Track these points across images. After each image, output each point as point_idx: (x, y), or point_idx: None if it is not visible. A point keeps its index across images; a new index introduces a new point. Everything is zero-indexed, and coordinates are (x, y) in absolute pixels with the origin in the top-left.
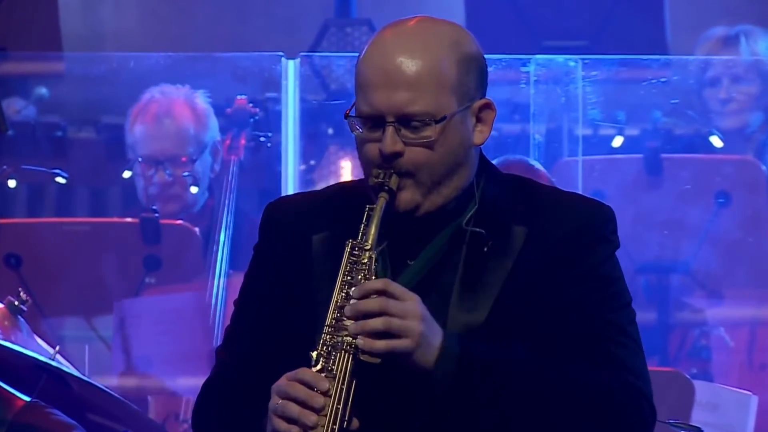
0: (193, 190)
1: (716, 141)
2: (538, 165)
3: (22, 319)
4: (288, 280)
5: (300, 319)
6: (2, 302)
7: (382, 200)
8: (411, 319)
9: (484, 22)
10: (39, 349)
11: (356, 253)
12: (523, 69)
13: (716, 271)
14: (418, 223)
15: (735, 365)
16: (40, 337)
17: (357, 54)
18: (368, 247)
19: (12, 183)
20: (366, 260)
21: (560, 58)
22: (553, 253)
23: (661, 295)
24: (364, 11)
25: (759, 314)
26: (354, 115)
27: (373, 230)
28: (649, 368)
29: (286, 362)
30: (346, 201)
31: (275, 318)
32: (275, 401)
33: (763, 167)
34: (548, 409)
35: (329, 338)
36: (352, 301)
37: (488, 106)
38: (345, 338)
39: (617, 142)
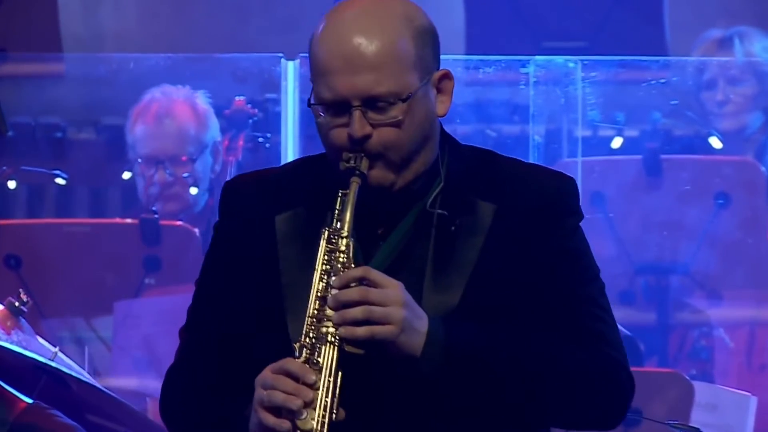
0: (193, 191)
1: (715, 142)
2: None
3: (23, 320)
4: (252, 261)
5: (267, 303)
6: (2, 303)
7: (354, 185)
8: (393, 306)
9: (483, 22)
10: (41, 349)
11: (333, 240)
12: (523, 70)
13: (716, 271)
14: (386, 203)
15: (734, 366)
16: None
17: None
18: (345, 234)
19: (12, 184)
20: (344, 247)
21: (560, 59)
22: (523, 229)
23: (660, 296)
24: None
25: (758, 315)
26: (315, 102)
27: (348, 216)
28: (649, 369)
29: (255, 347)
30: (309, 177)
31: (240, 301)
32: (261, 394)
33: (763, 168)
34: (533, 390)
35: (312, 329)
36: (332, 291)
37: (446, 76)
38: (329, 329)
39: (616, 143)
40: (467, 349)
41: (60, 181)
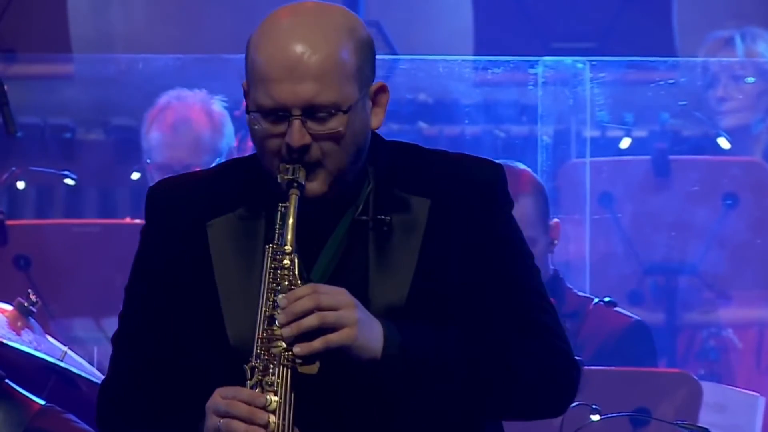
0: None
1: (724, 142)
2: (521, 165)
3: (33, 320)
4: (183, 269)
5: (203, 310)
6: (12, 304)
7: (294, 197)
8: (345, 309)
9: (492, 23)
10: (50, 349)
11: (277, 257)
12: (531, 71)
13: (724, 272)
14: (319, 211)
15: (743, 366)
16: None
17: None
18: (289, 251)
19: (21, 184)
20: (288, 264)
21: (568, 59)
22: (458, 222)
23: (668, 297)
24: (372, 13)
25: (767, 315)
26: (253, 109)
27: (290, 231)
28: (658, 369)
29: (193, 357)
30: (240, 180)
31: (173, 310)
32: (214, 421)
33: None
34: (485, 385)
35: (263, 351)
36: (280, 310)
37: (382, 89)
38: (282, 351)
39: (625, 143)
40: (422, 348)
41: (69, 181)
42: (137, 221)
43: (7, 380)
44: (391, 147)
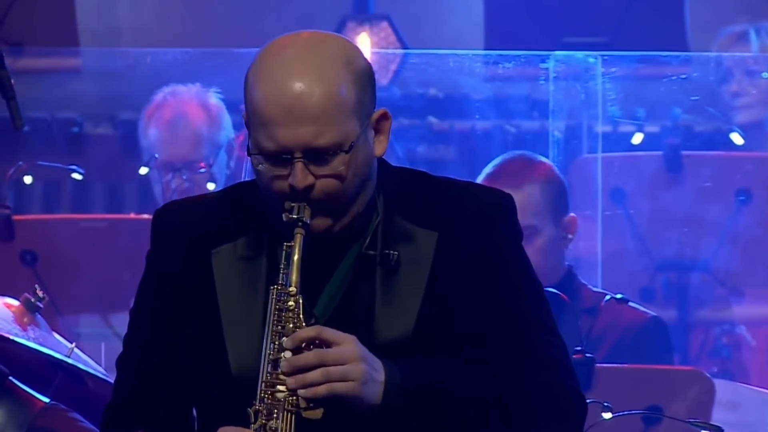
0: (210, 186)
1: (737, 138)
2: (542, 158)
3: (39, 316)
4: (187, 296)
5: (207, 338)
6: (18, 299)
7: (299, 237)
8: (351, 363)
9: (503, 18)
10: (57, 346)
11: (282, 299)
12: (543, 65)
13: (737, 269)
14: (325, 245)
15: (756, 364)
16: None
17: (375, 50)
18: (293, 292)
19: (28, 179)
20: (293, 305)
21: (580, 54)
22: (465, 254)
23: (681, 294)
24: (382, 6)
25: None
26: (255, 151)
27: (295, 272)
28: (670, 367)
29: (195, 386)
30: (245, 207)
31: (177, 337)
32: None
33: None
34: (487, 424)
35: (267, 395)
36: (286, 355)
37: (384, 116)
38: (286, 396)
39: (637, 139)
40: (423, 390)
41: (76, 176)
42: (145, 216)
43: (10, 377)
44: (398, 174)
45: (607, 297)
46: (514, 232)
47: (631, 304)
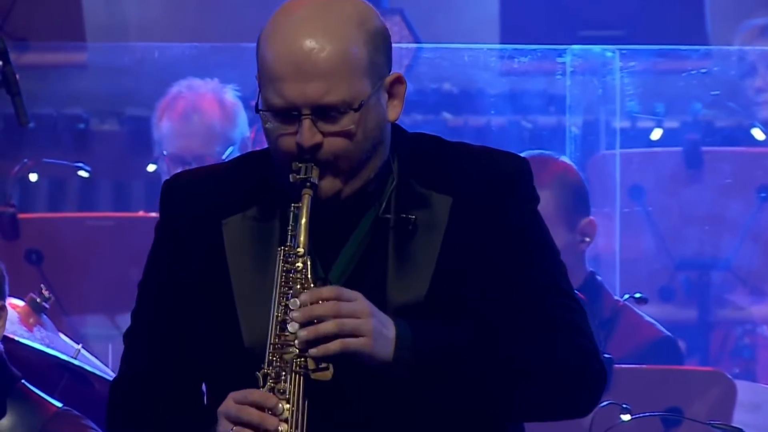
0: None
1: (758, 133)
2: (565, 159)
3: (45, 316)
4: (198, 267)
5: (218, 309)
6: (24, 299)
7: (307, 197)
8: (363, 317)
9: (518, 11)
10: (64, 347)
11: (290, 260)
12: (559, 60)
13: (758, 267)
14: (339, 209)
15: None
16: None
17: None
18: (301, 253)
19: (33, 177)
20: (301, 266)
21: (597, 48)
22: (480, 218)
23: (701, 293)
24: (395, 0)
25: None
26: (264, 108)
27: (303, 233)
28: (690, 368)
29: (208, 356)
30: (255, 176)
31: (188, 307)
32: (225, 427)
33: None
34: (502, 386)
35: (275, 358)
36: (294, 314)
37: (399, 80)
38: (294, 358)
39: (656, 134)
40: (436, 348)
41: (83, 173)
42: (152, 215)
43: (23, 380)
44: (413, 139)
45: (625, 297)
46: (530, 197)
47: (648, 319)
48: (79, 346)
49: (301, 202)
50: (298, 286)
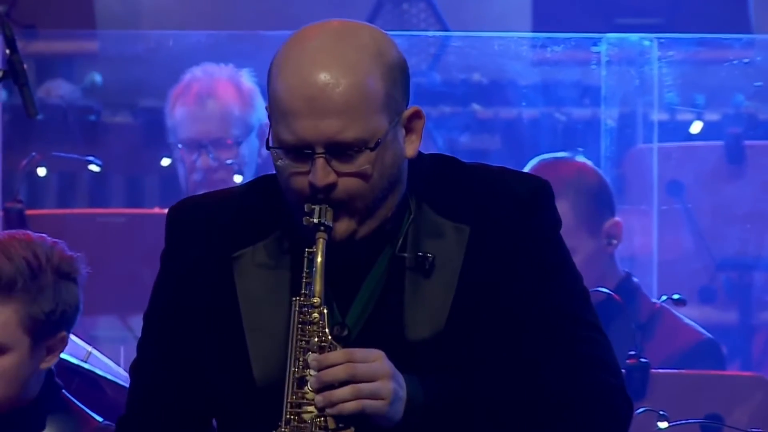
0: (238, 178)
1: None
2: (581, 159)
3: None
4: (207, 302)
5: (227, 349)
6: None
7: (321, 242)
8: (381, 380)
9: None
10: (74, 350)
11: (305, 311)
12: (594, 49)
13: None
14: (355, 249)
15: None
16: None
17: (414, 33)
18: (317, 303)
19: (42, 171)
20: (317, 317)
21: (634, 36)
22: (499, 248)
23: (743, 294)
24: None
25: None
26: (274, 144)
27: (318, 281)
28: (731, 373)
29: (215, 397)
30: (265, 205)
31: (195, 343)
32: None
33: None
34: (522, 427)
35: (293, 417)
36: (311, 372)
37: (417, 114)
38: (313, 418)
39: (696, 127)
40: (446, 407)
41: (94, 168)
42: (167, 211)
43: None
44: (428, 163)
45: (663, 298)
46: (551, 222)
47: (687, 321)
48: (90, 349)
49: (315, 246)
50: (315, 339)
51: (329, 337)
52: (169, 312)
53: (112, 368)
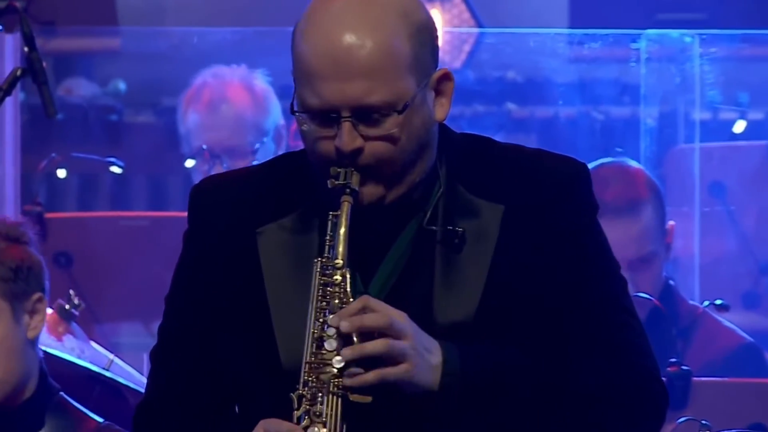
0: None
1: None
2: (633, 163)
3: (75, 324)
4: (230, 279)
5: (252, 324)
6: (52, 306)
7: (346, 205)
8: (408, 340)
9: None
10: (95, 357)
11: (327, 272)
12: (634, 45)
13: None
14: (382, 217)
15: None
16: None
17: (447, 29)
18: (340, 265)
19: (62, 173)
20: (339, 279)
21: (675, 33)
22: (534, 229)
23: None
24: None
25: None
26: (300, 109)
27: (341, 243)
28: None
29: (240, 380)
30: (291, 180)
31: (220, 323)
32: None
33: None
34: (556, 412)
35: (311, 378)
36: (330, 331)
37: (446, 76)
38: (331, 378)
39: (739, 127)
40: (486, 376)
41: (115, 169)
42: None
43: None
44: (461, 142)
45: (705, 303)
46: (588, 205)
47: (728, 324)
48: (112, 356)
49: (340, 209)
50: (336, 301)
51: (351, 299)
52: (192, 292)
53: (134, 377)
